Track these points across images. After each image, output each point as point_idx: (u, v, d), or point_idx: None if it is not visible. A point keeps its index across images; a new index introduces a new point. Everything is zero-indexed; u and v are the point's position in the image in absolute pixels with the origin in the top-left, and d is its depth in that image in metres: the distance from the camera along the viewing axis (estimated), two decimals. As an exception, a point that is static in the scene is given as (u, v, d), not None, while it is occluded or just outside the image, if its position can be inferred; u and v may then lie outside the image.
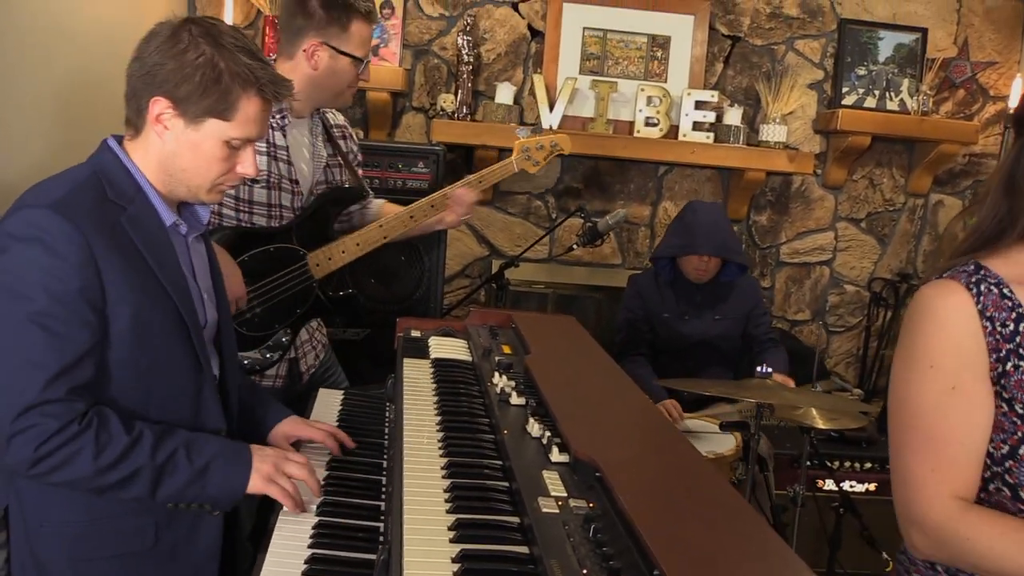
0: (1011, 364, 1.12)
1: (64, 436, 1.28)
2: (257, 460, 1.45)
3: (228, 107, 1.40)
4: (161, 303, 1.41)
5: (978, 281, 1.15)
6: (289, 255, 2.15)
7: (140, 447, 1.34)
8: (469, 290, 3.55)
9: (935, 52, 3.90)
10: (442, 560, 1.05)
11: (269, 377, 2.17)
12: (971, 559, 1.11)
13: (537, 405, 1.51)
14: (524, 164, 2.50)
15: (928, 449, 1.13)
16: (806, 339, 4.02)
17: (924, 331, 1.15)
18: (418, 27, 3.68)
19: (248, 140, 1.46)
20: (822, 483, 3.27)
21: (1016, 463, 1.11)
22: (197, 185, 1.46)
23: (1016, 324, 1.13)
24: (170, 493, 1.38)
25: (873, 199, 4.01)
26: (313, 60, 2.11)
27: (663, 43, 3.77)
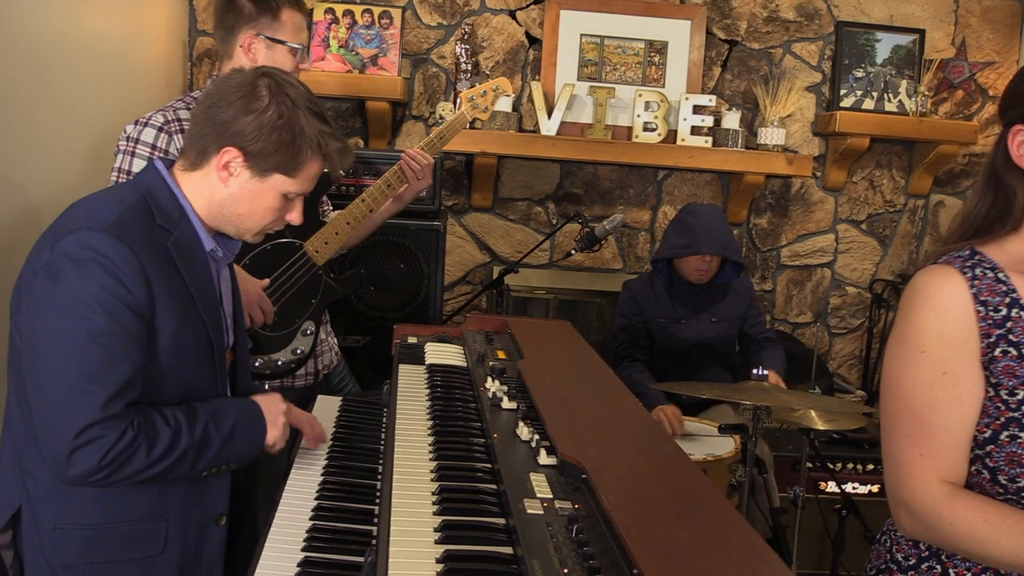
0: (1000, 350, 1.13)
1: (122, 444, 1.36)
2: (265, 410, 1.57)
3: (296, 166, 1.48)
4: (195, 325, 1.48)
5: (973, 265, 1.17)
6: (287, 248, 2.20)
7: (181, 434, 1.44)
8: (470, 297, 3.57)
9: (933, 53, 3.91)
10: (426, 561, 1.07)
11: (300, 377, 2.23)
12: (954, 542, 1.12)
13: (528, 409, 1.53)
14: (474, 113, 2.58)
15: (918, 433, 1.15)
16: (808, 342, 4.03)
17: (917, 316, 1.17)
18: (416, 36, 3.71)
19: (302, 194, 1.54)
20: (824, 485, 3.27)
21: (997, 447, 1.12)
22: (247, 228, 1.54)
23: (1009, 309, 1.14)
24: (206, 463, 1.48)
25: (873, 200, 4.01)
26: (251, 53, 2.15)
27: (660, 48, 3.79)
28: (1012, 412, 1.11)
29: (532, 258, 3.57)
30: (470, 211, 3.82)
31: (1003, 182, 1.19)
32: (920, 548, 1.21)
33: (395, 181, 2.37)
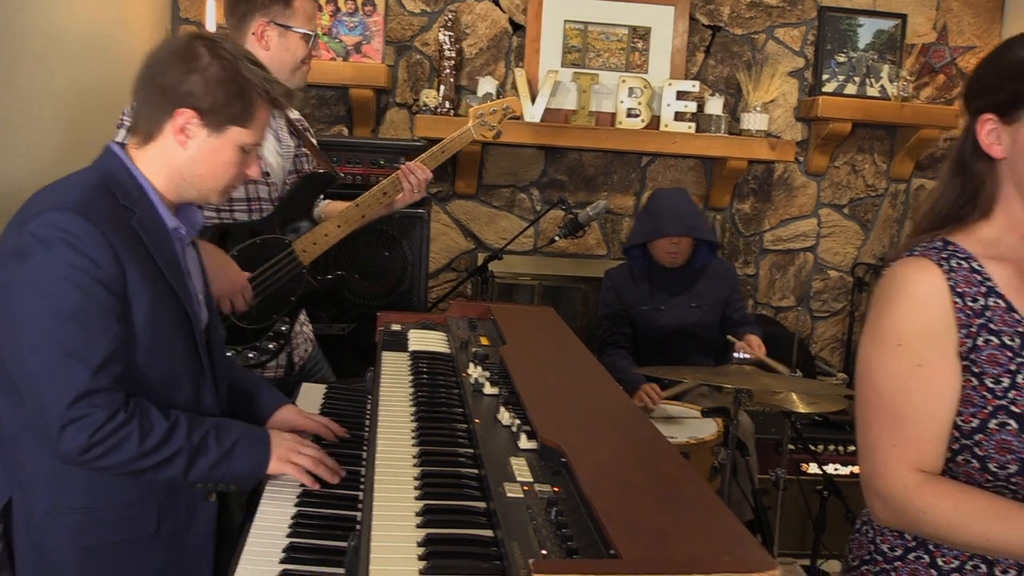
0: (981, 339, 1.15)
1: (114, 424, 1.37)
2: (275, 444, 1.55)
3: (249, 116, 1.51)
4: (169, 302, 1.49)
5: (948, 257, 1.18)
6: (275, 245, 2.20)
7: (178, 431, 1.44)
8: (455, 284, 3.58)
9: (914, 38, 3.94)
10: (408, 544, 1.09)
11: (270, 368, 2.23)
12: (928, 529, 1.15)
13: (509, 394, 1.55)
14: (481, 131, 2.56)
15: (892, 424, 1.17)
16: (790, 325, 4.06)
17: (894, 308, 1.18)
18: (400, 23, 3.70)
19: (257, 144, 1.57)
20: (806, 467, 3.31)
21: (985, 436, 1.14)
22: (210, 188, 1.55)
23: (985, 299, 1.16)
24: (200, 473, 1.47)
25: (855, 185, 4.04)
26: (264, 41, 2.15)
27: (644, 34, 3.80)
28: (999, 400, 1.13)
29: (516, 245, 3.59)
30: (454, 198, 3.82)
31: (972, 170, 1.21)
32: (906, 539, 1.23)
33: (391, 189, 2.37)
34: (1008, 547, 1.09)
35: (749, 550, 0.98)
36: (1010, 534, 1.08)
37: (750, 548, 0.99)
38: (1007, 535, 1.08)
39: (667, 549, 0.97)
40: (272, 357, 2.20)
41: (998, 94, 1.18)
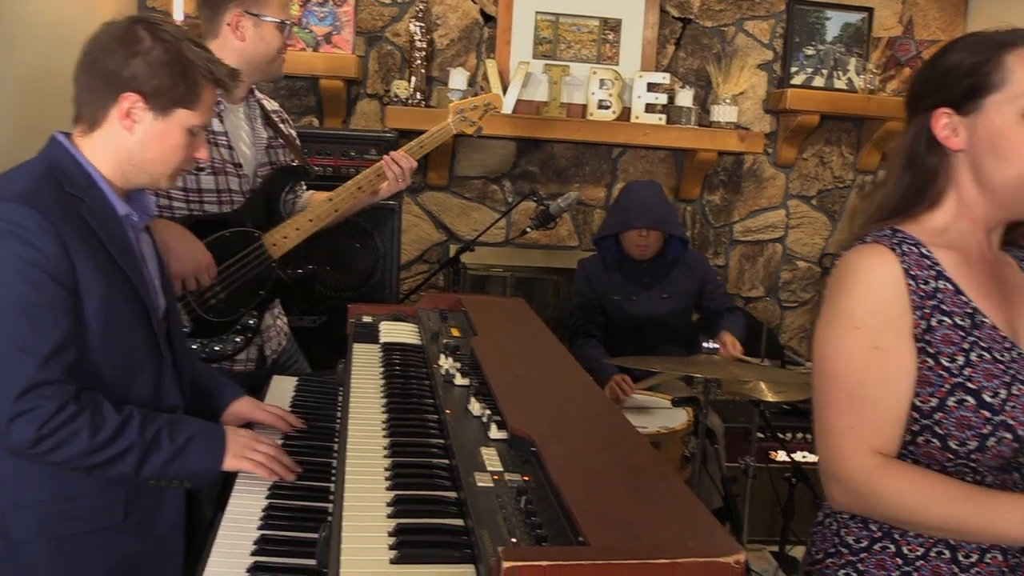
0: (935, 320, 1.18)
1: (63, 416, 1.36)
2: (231, 440, 1.54)
3: (195, 97, 1.51)
4: (123, 289, 1.48)
5: (899, 242, 1.21)
6: (245, 238, 2.18)
7: (130, 426, 1.43)
8: (427, 275, 3.58)
9: (881, 31, 3.99)
10: (379, 534, 1.10)
11: (240, 362, 2.22)
12: (885, 511, 1.17)
13: (480, 385, 1.55)
14: (461, 126, 2.54)
15: (849, 407, 1.19)
16: (760, 315, 4.11)
17: (851, 293, 1.20)
18: (370, 14, 3.68)
19: (205, 127, 1.56)
20: (775, 455, 3.36)
21: (945, 414, 1.16)
22: (160, 173, 1.54)
23: (936, 281, 1.19)
24: (153, 470, 1.46)
25: (823, 176, 4.09)
26: (239, 31, 2.14)
27: (615, 26, 3.81)
28: (955, 378, 1.16)
29: (489, 236, 3.59)
30: (426, 190, 3.82)
31: (924, 164, 1.24)
32: (872, 529, 1.25)
33: (366, 184, 2.35)
34: (965, 527, 1.12)
35: (715, 536, 1.00)
36: (967, 515, 1.11)
37: (716, 534, 1.01)
38: (965, 516, 1.11)
39: (634, 536, 0.99)
40: (239, 350, 2.18)
41: (951, 90, 1.21)
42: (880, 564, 1.23)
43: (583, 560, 0.91)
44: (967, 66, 1.20)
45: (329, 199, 2.32)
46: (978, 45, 1.20)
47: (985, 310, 1.20)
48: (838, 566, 1.28)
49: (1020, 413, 1.14)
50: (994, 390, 1.15)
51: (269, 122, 2.34)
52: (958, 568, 1.20)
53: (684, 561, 0.93)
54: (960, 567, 1.20)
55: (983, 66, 1.18)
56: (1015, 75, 1.16)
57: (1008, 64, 1.16)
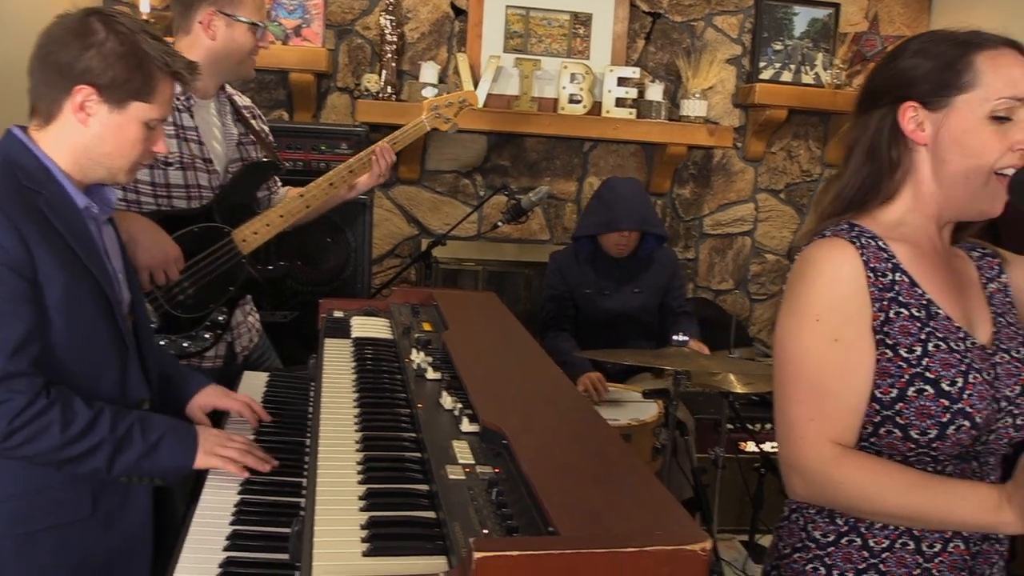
0: (893, 312, 1.20)
1: (34, 410, 1.35)
2: (203, 438, 1.54)
3: (150, 90, 1.49)
4: (85, 281, 1.47)
5: (858, 235, 1.23)
6: (214, 233, 2.17)
7: (101, 421, 1.43)
8: (399, 270, 3.58)
9: (847, 27, 4.04)
10: (351, 527, 1.11)
11: (208, 358, 2.20)
12: (844, 501, 1.19)
13: (452, 379, 1.56)
14: (435, 123, 2.53)
15: (809, 399, 1.20)
16: (730, 308, 4.16)
17: (812, 286, 1.22)
18: (340, 7, 3.66)
19: (163, 120, 1.55)
20: (744, 445, 3.40)
21: (906, 404, 1.19)
22: (118, 167, 1.53)
23: (893, 274, 1.22)
24: (125, 467, 1.46)
25: (791, 170, 4.15)
26: (210, 31, 2.12)
27: (585, 20, 3.83)
28: (914, 368, 1.19)
29: (460, 230, 3.60)
30: (397, 184, 3.81)
31: (886, 157, 1.26)
32: (838, 523, 1.26)
33: (338, 180, 2.34)
34: (923, 515, 1.15)
35: (682, 525, 1.02)
36: (925, 503, 1.14)
37: (683, 523, 1.03)
38: (922, 504, 1.14)
39: (603, 526, 1.00)
40: (208, 347, 2.17)
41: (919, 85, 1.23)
42: (847, 557, 1.26)
43: (553, 550, 0.93)
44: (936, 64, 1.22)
45: (301, 195, 2.31)
46: (944, 44, 1.23)
47: (939, 301, 1.23)
48: (806, 560, 1.29)
49: (977, 401, 1.18)
50: (951, 379, 1.18)
51: (240, 118, 2.33)
52: (923, 558, 1.23)
53: (651, 549, 0.95)
54: (924, 557, 1.23)
55: (954, 65, 1.20)
56: (985, 77, 1.19)
57: (978, 66, 1.19)
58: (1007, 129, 1.18)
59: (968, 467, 1.23)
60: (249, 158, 2.32)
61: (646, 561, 0.95)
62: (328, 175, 2.35)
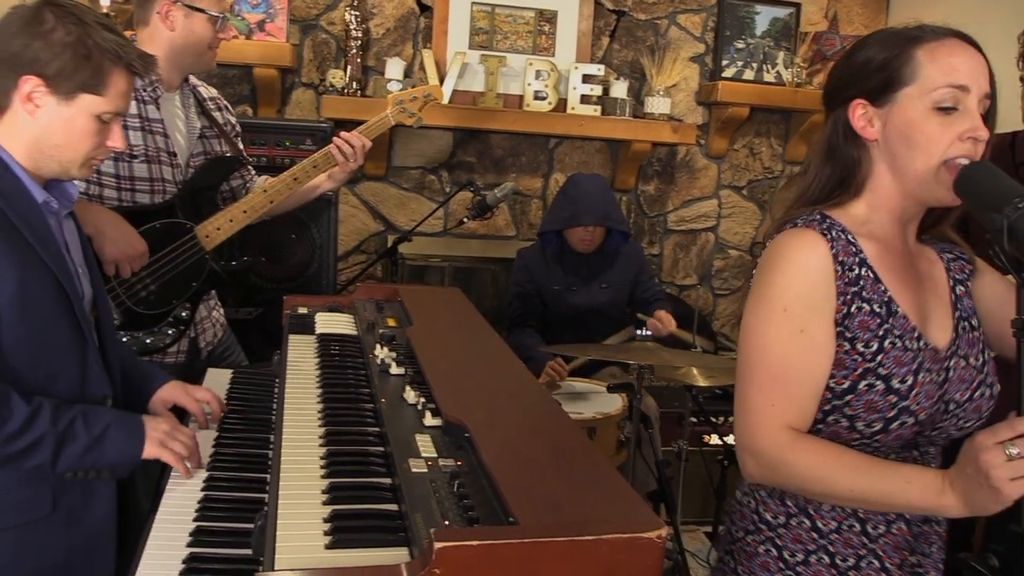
0: (855, 306, 1.23)
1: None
2: (150, 428, 1.53)
3: (100, 82, 1.47)
4: (42, 277, 1.45)
5: (829, 227, 1.26)
6: (176, 229, 2.16)
7: (41, 416, 1.40)
8: (365, 266, 3.58)
9: (808, 26, 4.11)
10: (314, 521, 1.12)
11: (171, 354, 2.19)
12: (797, 483, 1.23)
13: (415, 374, 1.58)
14: (400, 117, 2.51)
15: (772, 386, 1.23)
16: (694, 303, 4.21)
17: (781, 276, 1.25)
18: (304, 2, 3.65)
19: (118, 114, 1.52)
20: (708, 438, 3.46)
21: (855, 396, 1.23)
22: (70, 160, 1.50)
23: (859, 268, 1.25)
24: (70, 461, 1.44)
25: (753, 167, 4.21)
26: (168, 21, 2.11)
27: (550, 17, 3.85)
28: (868, 363, 1.22)
29: (427, 226, 3.61)
30: (363, 180, 3.81)
31: (845, 155, 1.29)
32: (788, 505, 1.31)
33: (302, 175, 2.33)
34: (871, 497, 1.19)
35: (638, 513, 1.04)
36: (873, 485, 1.18)
37: (639, 512, 1.05)
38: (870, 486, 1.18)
39: (562, 515, 1.02)
40: (172, 343, 2.16)
41: (865, 83, 1.26)
42: (797, 538, 1.30)
43: (512, 539, 0.95)
44: (879, 60, 1.25)
45: (264, 190, 2.30)
46: (888, 40, 1.26)
47: (898, 300, 1.26)
48: (758, 542, 1.34)
49: (923, 400, 1.22)
50: (902, 377, 1.21)
51: (204, 111, 2.31)
52: (868, 539, 1.27)
53: (609, 537, 0.97)
54: (869, 538, 1.27)
55: (895, 60, 1.23)
56: (925, 69, 1.21)
57: (918, 59, 1.22)
58: (953, 119, 1.20)
59: (908, 456, 1.27)
60: (212, 151, 2.31)
61: (603, 548, 0.98)
62: (292, 170, 2.34)
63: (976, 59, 1.22)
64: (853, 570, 1.28)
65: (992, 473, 1.04)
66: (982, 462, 1.05)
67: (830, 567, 1.28)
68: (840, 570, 1.28)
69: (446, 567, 0.92)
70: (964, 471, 1.09)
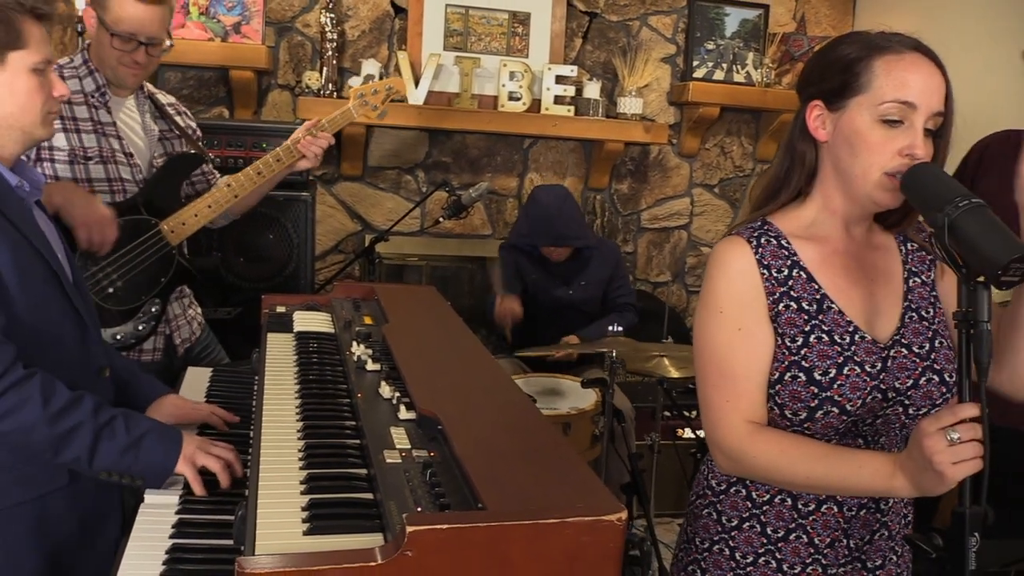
0: (783, 305, 1.32)
1: (10, 379, 1.36)
2: (186, 442, 1.54)
3: (18, 36, 1.48)
4: (30, 255, 1.49)
5: (760, 235, 1.35)
6: (140, 225, 2.19)
7: (83, 403, 1.44)
8: (342, 265, 3.62)
9: (776, 27, 4.19)
10: (293, 509, 1.17)
11: (147, 352, 2.23)
12: (760, 472, 1.31)
13: (391, 370, 1.63)
14: (363, 111, 2.53)
15: (722, 382, 1.33)
16: (668, 300, 4.28)
17: (715, 281, 1.35)
18: (280, 4, 3.68)
19: (48, 62, 1.54)
20: (681, 432, 3.53)
21: (782, 387, 1.31)
22: (30, 122, 1.53)
23: (790, 270, 1.33)
24: (108, 459, 1.46)
25: (724, 166, 4.29)
26: (89, 23, 2.16)
27: (524, 19, 3.90)
28: (793, 356, 1.30)
29: (403, 226, 3.65)
30: (340, 180, 3.85)
31: (798, 150, 1.37)
32: (730, 476, 1.40)
33: (265, 169, 2.36)
34: (828, 482, 1.26)
35: (600, 498, 1.10)
36: (829, 471, 1.25)
37: (601, 497, 1.11)
38: (826, 472, 1.25)
39: (527, 500, 1.08)
40: (143, 338, 2.20)
41: (825, 84, 1.33)
42: (733, 505, 1.40)
43: (479, 523, 1.01)
44: (840, 65, 1.31)
45: (228, 184, 2.34)
46: (855, 45, 1.31)
47: (835, 297, 1.33)
48: (703, 506, 1.45)
49: (848, 391, 1.29)
50: (825, 369, 1.29)
51: (163, 115, 2.35)
52: (798, 515, 1.36)
53: (572, 520, 1.03)
54: (800, 514, 1.36)
55: (854, 66, 1.29)
56: (878, 80, 1.26)
57: (874, 68, 1.27)
58: (896, 133, 1.25)
59: (854, 444, 1.34)
60: (174, 152, 2.35)
61: (567, 531, 1.04)
62: (256, 164, 2.37)
63: (932, 77, 1.26)
64: (782, 541, 1.37)
65: (935, 458, 1.10)
66: (925, 447, 1.11)
67: (760, 535, 1.38)
68: (771, 540, 1.37)
69: (418, 549, 0.98)
70: (911, 455, 1.16)
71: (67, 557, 1.55)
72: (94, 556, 1.59)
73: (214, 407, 1.82)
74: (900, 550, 1.42)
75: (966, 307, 1.12)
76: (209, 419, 1.78)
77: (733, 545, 1.40)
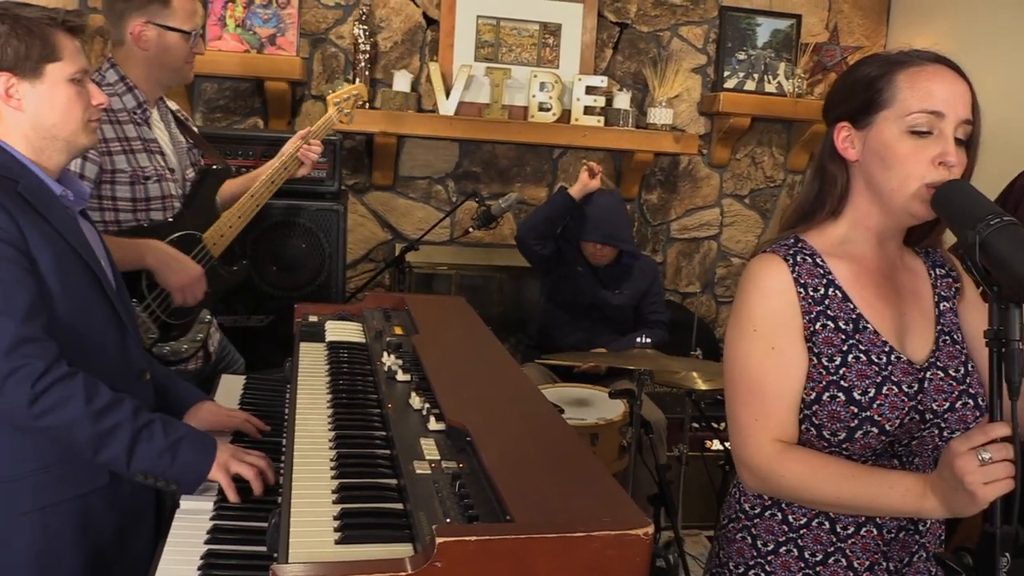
0: (819, 324, 1.31)
1: (55, 375, 1.41)
2: (220, 450, 1.58)
3: (53, 48, 1.53)
4: (73, 260, 1.54)
5: (795, 252, 1.34)
6: (189, 240, 2.26)
7: (123, 405, 1.48)
8: (373, 274, 3.65)
9: (808, 37, 4.17)
10: (325, 519, 1.19)
11: (192, 360, 2.29)
12: (787, 492, 1.31)
13: (420, 380, 1.65)
14: (339, 117, 2.65)
15: (752, 401, 1.32)
16: (697, 310, 4.27)
17: (749, 299, 1.34)
18: (314, 16, 3.74)
19: (84, 71, 1.59)
20: (710, 443, 3.52)
21: (820, 407, 1.30)
22: (72, 131, 1.58)
23: (826, 289, 1.33)
24: (145, 461, 1.49)
25: (755, 176, 4.27)
26: (142, 41, 2.17)
27: (554, 30, 3.93)
28: (831, 376, 1.30)
29: (434, 235, 3.69)
30: (371, 190, 3.89)
31: (829, 172, 1.37)
32: (764, 498, 1.39)
33: (277, 178, 2.47)
34: (856, 503, 1.26)
35: (627, 512, 1.11)
36: (857, 492, 1.24)
37: (628, 511, 1.12)
38: (854, 492, 1.25)
39: (555, 513, 1.10)
40: (198, 349, 2.27)
41: (850, 104, 1.34)
42: (769, 529, 1.38)
43: (507, 535, 1.02)
44: (863, 84, 1.32)
45: (251, 195, 2.42)
46: (874, 64, 1.33)
47: (870, 316, 1.33)
48: (737, 530, 1.43)
49: (888, 411, 1.28)
50: (864, 389, 1.29)
51: (181, 125, 2.41)
52: (836, 538, 1.34)
53: (598, 534, 1.05)
54: (838, 537, 1.34)
55: (876, 83, 1.30)
56: (903, 93, 1.27)
57: (898, 82, 1.28)
58: (927, 143, 1.26)
59: (889, 464, 1.34)
60: (197, 163, 2.42)
61: (593, 544, 1.05)
62: (269, 174, 2.47)
63: (957, 86, 1.27)
64: (821, 565, 1.35)
65: (966, 478, 1.09)
66: (957, 467, 1.10)
67: (798, 560, 1.36)
68: (808, 564, 1.35)
69: (447, 560, 1.00)
70: (942, 475, 1.15)
71: (106, 556, 1.59)
72: (129, 558, 1.63)
73: (248, 415, 1.86)
74: (936, 571, 1.41)
75: (997, 325, 1.11)
76: (243, 427, 1.82)
77: (769, 570, 1.38)
